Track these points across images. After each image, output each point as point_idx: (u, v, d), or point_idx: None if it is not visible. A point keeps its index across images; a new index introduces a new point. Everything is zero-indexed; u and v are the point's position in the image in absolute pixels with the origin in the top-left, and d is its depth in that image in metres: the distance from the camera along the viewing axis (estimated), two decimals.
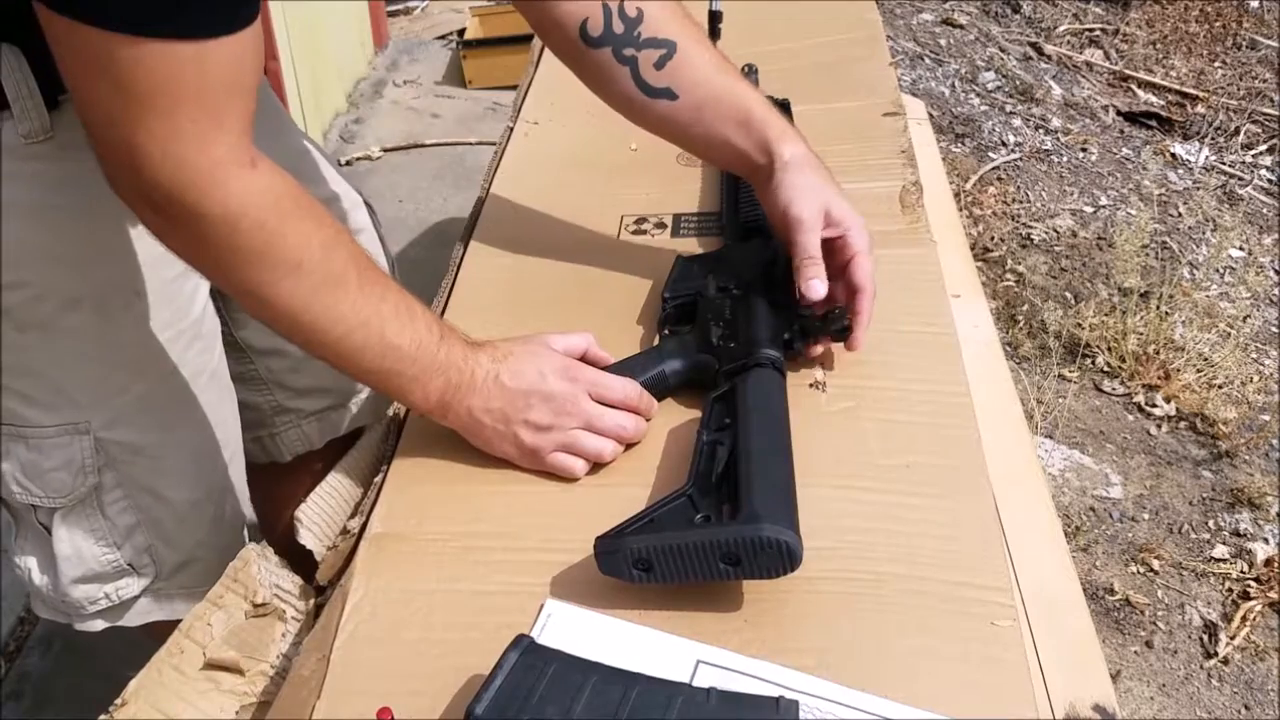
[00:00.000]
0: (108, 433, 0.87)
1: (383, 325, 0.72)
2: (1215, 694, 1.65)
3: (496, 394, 0.75)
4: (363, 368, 0.74)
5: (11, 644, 1.72)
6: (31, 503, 0.89)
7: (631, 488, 0.74)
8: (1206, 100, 3.21)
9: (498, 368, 0.76)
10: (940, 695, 0.59)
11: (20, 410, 0.85)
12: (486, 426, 0.76)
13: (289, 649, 0.74)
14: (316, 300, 0.70)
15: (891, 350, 0.84)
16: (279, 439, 1.11)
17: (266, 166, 0.67)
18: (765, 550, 0.61)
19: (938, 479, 0.73)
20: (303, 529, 0.78)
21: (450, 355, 0.75)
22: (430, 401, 0.76)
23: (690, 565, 0.63)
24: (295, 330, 0.72)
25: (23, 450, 0.86)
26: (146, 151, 0.62)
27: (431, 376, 0.75)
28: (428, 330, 0.75)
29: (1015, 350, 2.27)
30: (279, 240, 0.67)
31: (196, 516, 0.95)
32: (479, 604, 0.67)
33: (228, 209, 0.65)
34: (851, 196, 0.86)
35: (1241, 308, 2.39)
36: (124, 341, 0.87)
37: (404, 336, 0.73)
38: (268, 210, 0.67)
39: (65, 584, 0.92)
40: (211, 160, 0.64)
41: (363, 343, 0.72)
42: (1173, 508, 1.95)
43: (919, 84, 3.17)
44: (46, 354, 0.84)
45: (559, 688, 0.56)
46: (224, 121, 0.64)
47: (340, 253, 0.71)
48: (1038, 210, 2.75)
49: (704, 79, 0.88)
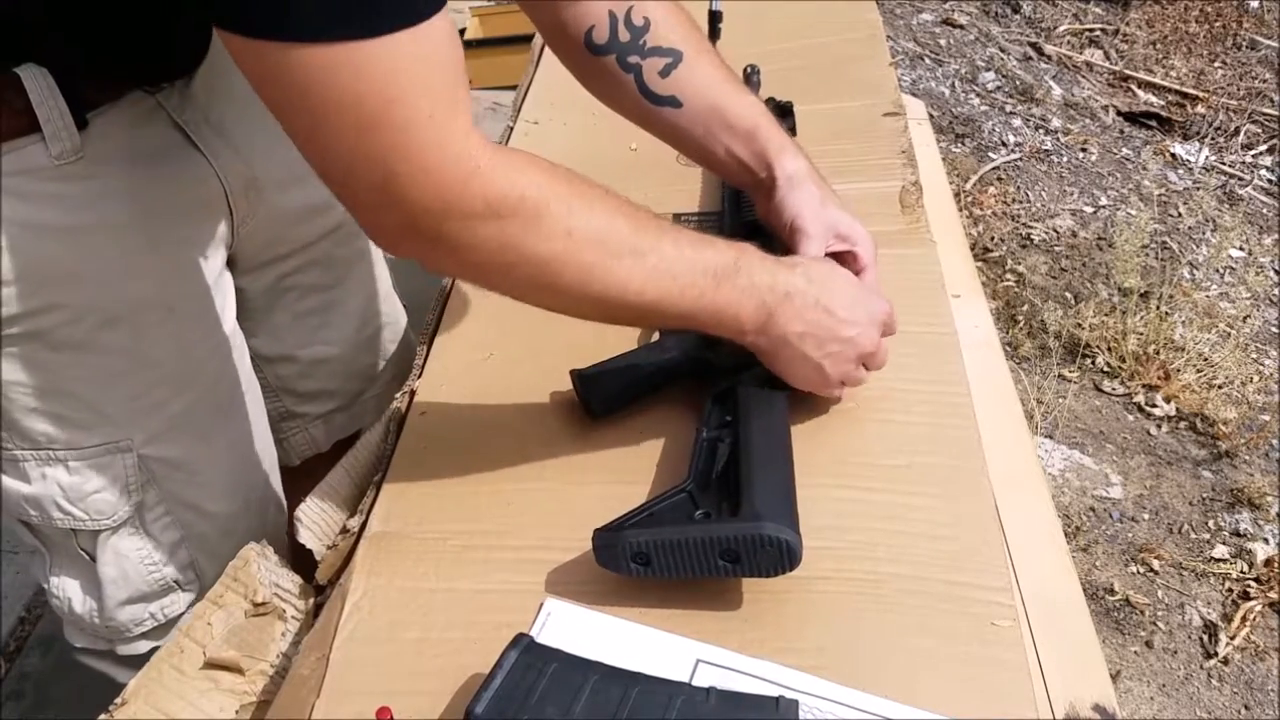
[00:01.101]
0: (149, 449, 0.87)
1: (672, 267, 0.69)
2: (1215, 694, 1.65)
3: (813, 319, 0.73)
4: (670, 314, 0.71)
5: (11, 644, 1.72)
6: (74, 527, 0.88)
7: (632, 485, 0.74)
8: (1206, 100, 3.21)
9: (815, 291, 0.74)
10: (940, 695, 0.59)
11: (55, 433, 0.84)
12: (794, 349, 0.74)
13: (289, 648, 0.74)
14: (599, 266, 0.66)
15: (892, 350, 0.84)
16: (286, 444, 1.11)
17: (491, 145, 0.63)
18: (765, 548, 0.61)
19: (938, 479, 0.73)
20: (302, 528, 0.78)
21: (755, 277, 0.72)
22: (745, 327, 0.73)
23: (689, 561, 0.63)
24: (586, 303, 0.69)
25: (63, 474, 0.85)
26: (403, 173, 0.58)
27: (743, 301, 0.72)
28: (720, 254, 0.71)
29: (1015, 350, 2.27)
30: (545, 208, 0.64)
31: (238, 528, 0.95)
32: (478, 603, 0.67)
33: (489, 193, 0.61)
34: (851, 196, 0.86)
35: (1241, 308, 2.39)
36: (160, 357, 0.86)
37: (697, 269, 0.70)
38: (521, 181, 0.63)
39: (111, 608, 0.91)
40: (454, 155, 0.60)
41: (663, 291, 0.69)
42: (1173, 508, 1.95)
43: (919, 84, 3.17)
44: (83, 374, 0.83)
45: (559, 687, 0.56)
46: (456, 109, 0.59)
47: (602, 206, 0.67)
48: (1038, 210, 2.75)
49: (709, 88, 0.88)
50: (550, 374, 0.85)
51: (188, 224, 0.87)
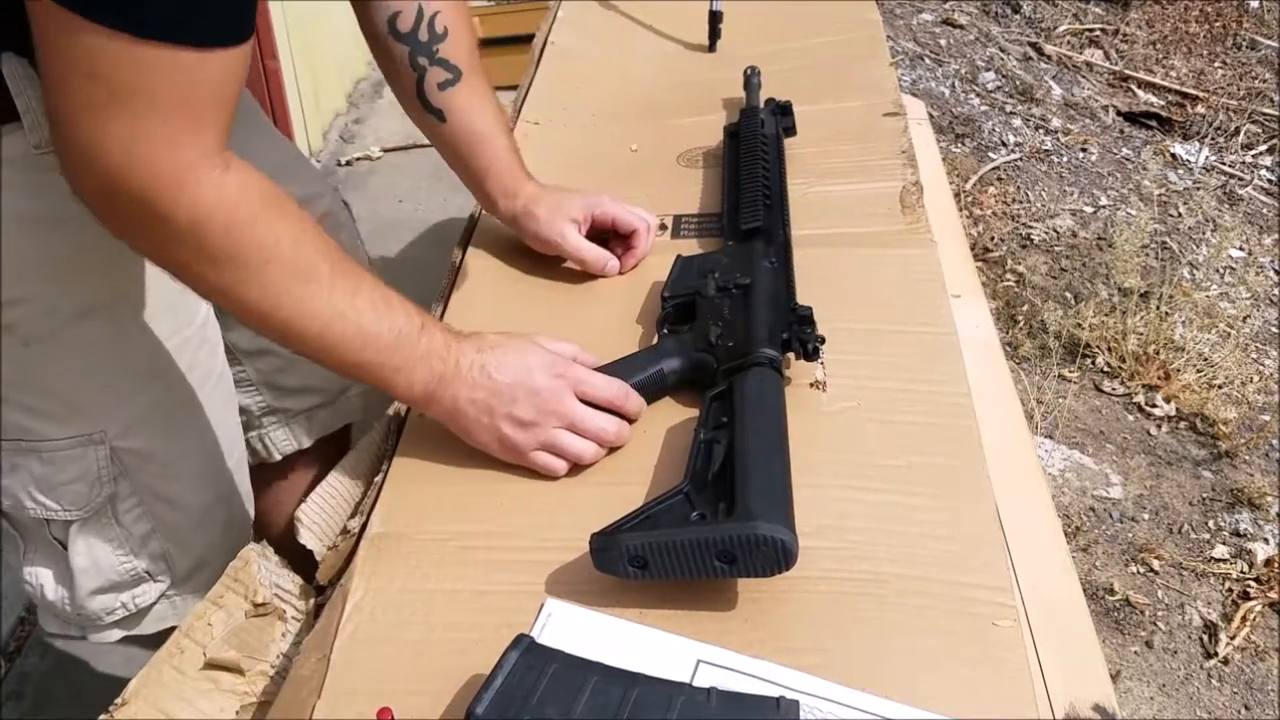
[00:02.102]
0: (121, 441, 0.87)
1: (359, 317, 0.72)
2: (1215, 694, 1.65)
3: (482, 384, 0.75)
4: (344, 361, 0.73)
5: (11, 644, 1.72)
6: (46, 517, 0.88)
7: (631, 486, 0.74)
8: (1206, 100, 3.21)
9: (484, 358, 0.76)
10: (941, 695, 0.59)
11: (29, 424, 0.84)
12: (469, 417, 0.76)
13: (289, 649, 0.74)
14: (288, 296, 0.69)
15: (892, 350, 0.84)
16: (267, 439, 1.11)
17: (239, 167, 0.66)
18: (760, 548, 0.61)
19: (938, 479, 0.73)
20: (303, 529, 0.78)
21: (432, 344, 0.75)
22: (415, 391, 0.75)
23: (686, 562, 0.63)
24: (270, 328, 0.71)
25: (35, 464, 0.86)
26: (107, 150, 0.61)
27: (415, 366, 0.74)
28: (407, 319, 0.74)
29: (1015, 350, 2.27)
30: (248, 240, 0.67)
31: (209, 520, 0.95)
32: (479, 604, 0.67)
33: (195, 213, 0.64)
34: (852, 196, 0.86)
35: (1241, 308, 2.39)
36: (133, 349, 0.87)
37: (382, 326, 0.73)
38: (237, 211, 0.66)
39: (82, 596, 0.92)
40: (180, 164, 0.63)
41: (340, 336, 0.71)
42: (1173, 508, 1.95)
43: (919, 84, 3.17)
44: (55, 366, 0.83)
45: (559, 687, 0.56)
46: (202, 129, 0.63)
47: (309, 247, 0.70)
48: (1038, 210, 2.75)
49: (475, 116, 0.96)
50: None
51: None
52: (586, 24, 1.45)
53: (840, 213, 1.01)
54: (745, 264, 0.88)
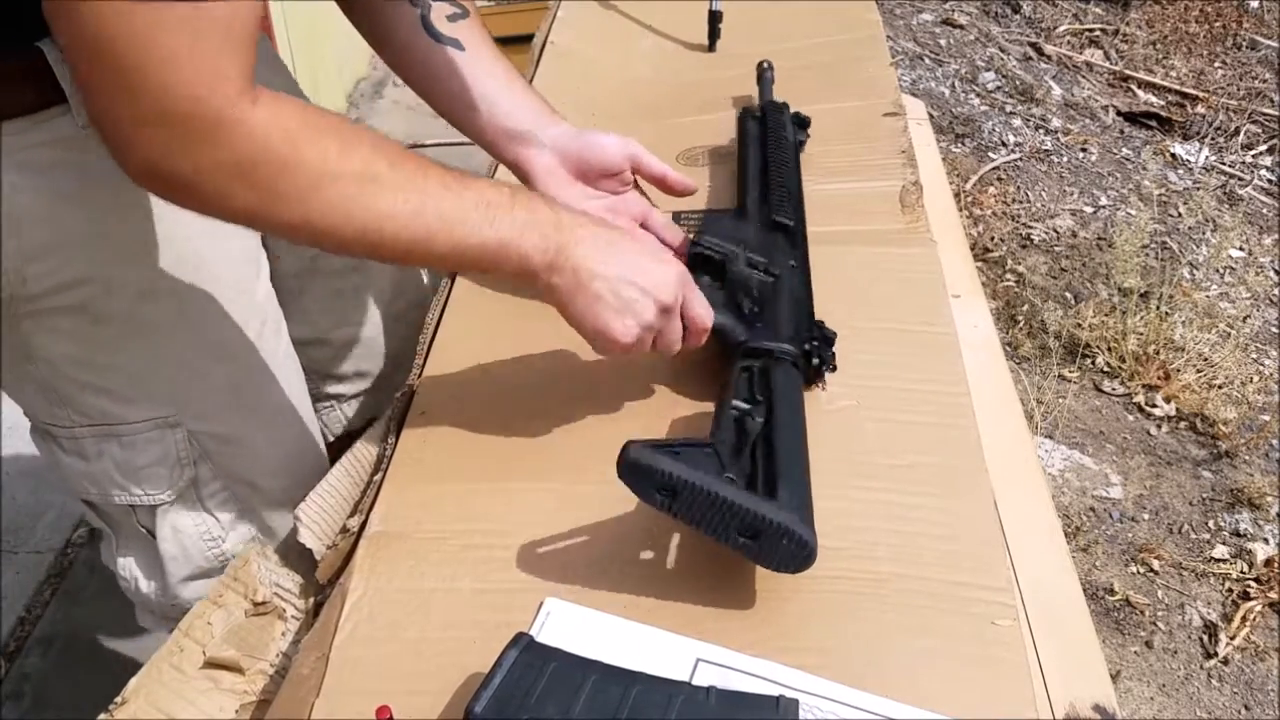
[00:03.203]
0: (197, 424, 0.88)
1: (437, 203, 0.67)
2: (1215, 694, 1.65)
3: (612, 257, 0.71)
4: (441, 253, 0.69)
5: (11, 644, 1.72)
6: (131, 503, 0.89)
7: None
8: (1206, 100, 3.21)
9: (608, 233, 0.73)
10: (941, 695, 0.59)
11: (106, 407, 0.85)
12: (589, 291, 0.71)
13: (289, 648, 0.74)
14: (357, 206, 0.65)
15: (892, 349, 0.84)
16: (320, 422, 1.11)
17: (266, 99, 0.63)
18: (789, 544, 0.61)
19: (938, 478, 0.73)
20: (302, 528, 0.78)
21: (535, 212, 0.70)
22: (532, 262, 0.70)
23: (709, 517, 0.61)
24: (353, 245, 0.67)
25: (116, 449, 0.86)
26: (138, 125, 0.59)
27: (522, 236, 0.69)
28: (494, 190, 0.69)
29: (1015, 350, 2.27)
30: (296, 168, 0.63)
31: (291, 503, 0.96)
32: (478, 602, 0.67)
33: (239, 159, 0.61)
34: (852, 196, 0.86)
35: (1241, 308, 2.39)
36: (201, 327, 0.87)
37: (465, 204, 0.68)
38: (276, 143, 0.63)
39: (174, 586, 0.92)
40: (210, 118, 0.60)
41: (426, 229, 0.67)
42: (1173, 508, 1.95)
43: (919, 84, 3.17)
44: (127, 346, 0.84)
45: (558, 686, 0.56)
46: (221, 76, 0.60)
47: (360, 151, 0.65)
48: (1038, 210, 2.75)
49: (489, 45, 0.92)
50: (550, 373, 0.85)
51: None
52: (586, 24, 1.45)
53: (840, 212, 1.01)
54: (771, 254, 0.88)
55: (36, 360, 0.83)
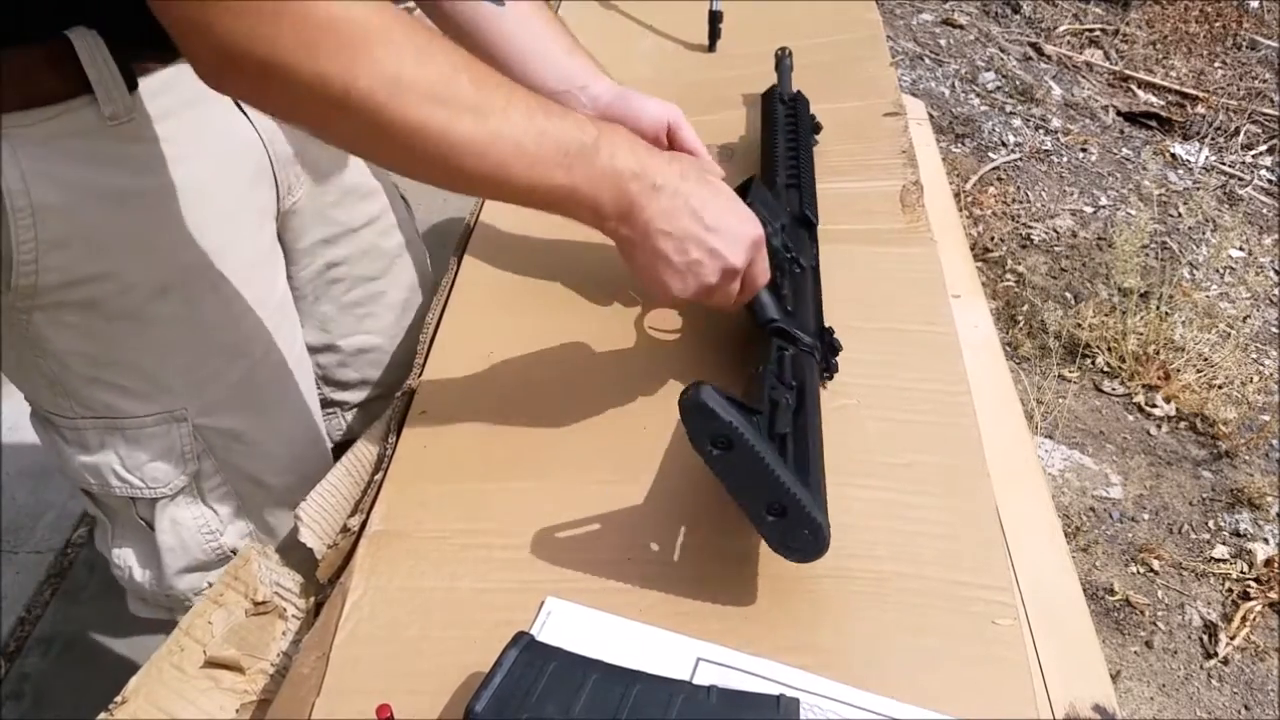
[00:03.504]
0: (204, 419, 0.87)
1: (517, 137, 0.63)
2: (1215, 694, 1.65)
3: (680, 219, 0.69)
4: (516, 188, 0.65)
5: (11, 644, 1.72)
6: (132, 495, 0.88)
7: (633, 484, 0.74)
8: (1206, 100, 3.21)
9: (687, 190, 0.70)
10: (941, 694, 0.59)
11: (115, 402, 0.85)
12: (654, 248, 0.70)
13: (289, 647, 0.74)
14: (432, 120, 0.59)
15: (892, 349, 0.84)
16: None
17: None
18: (809, 533, 0.60)
19: (938, 478, 0.73)
20: (303, 527, 0.78)
21: (618, 160, 0.67)
22: (605, 213, 0.68)
23: (750, 484, 0.60)
24: (422, 167, 0.63)
25: (120, 442, 0.86)
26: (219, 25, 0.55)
27: (599, 185, 0.66)
28: (579, 128, 0.66)
29: (1015, 350, 2.27)
30: (367, 53, 0.57)
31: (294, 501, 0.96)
32: (479, 601, 0.67)
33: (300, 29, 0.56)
34: (852, 195, 0.86)
35: (1241, 308, 2.39)
36: (213, 326, 0.87)
37: (545, 141, 0.64)
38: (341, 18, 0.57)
39: (170, 576, 0.92)
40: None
41: (499, 163, 0.62)
42: (1173, 508, 1.95)
43: (919, 84, 3.17)
44: (138, 343, 0.83)
45: (559, 685, 0.56)
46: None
47: (436, 61, 0.60)
48: (1038, 210, 2.75)
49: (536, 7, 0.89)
50: (550, 372, 0.85)
51: (237, 191, 0.88)
52: (586, 24, 1.45)
53: (840, 210, 1.01)
54: (800, 245, 0.87)
55: (45, 353, 0.82)
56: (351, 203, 1.00)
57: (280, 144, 0.90)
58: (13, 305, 0.79)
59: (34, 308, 0.79)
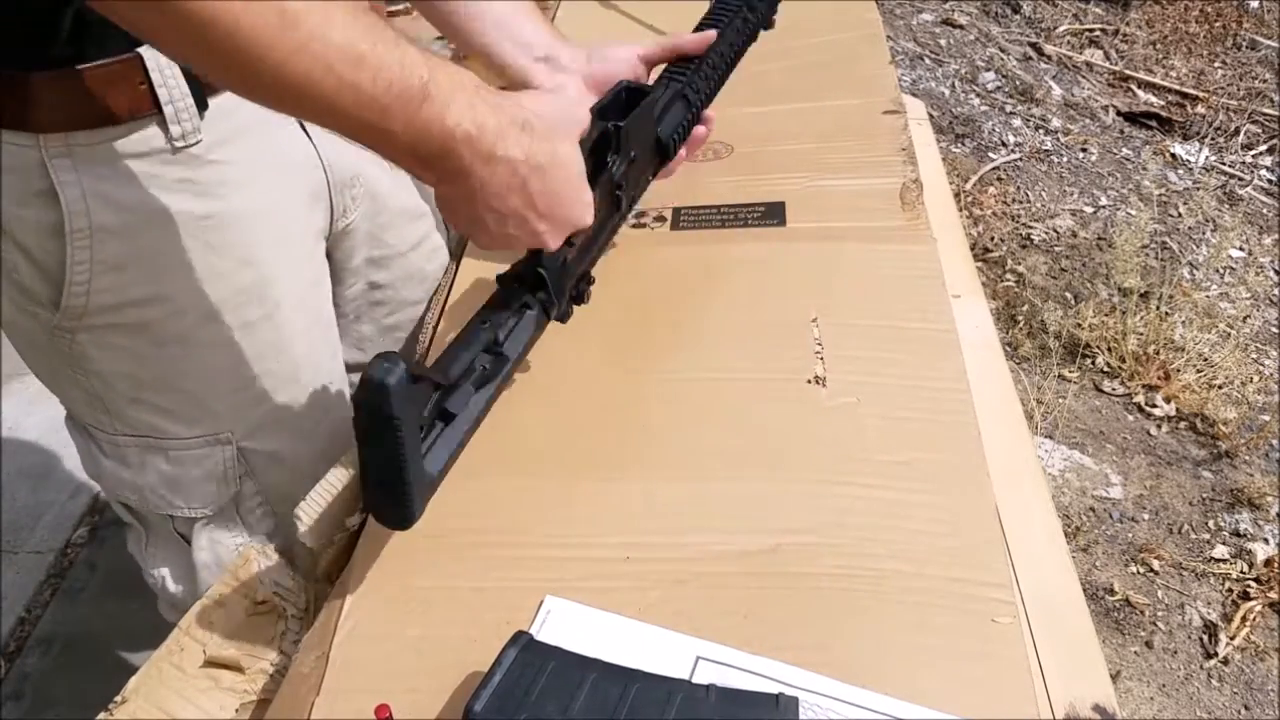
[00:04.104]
0: (248, 441, 0.87)
1: (331, 55, 0.53)
2: (1215, 694, 1.65)
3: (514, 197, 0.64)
4: (322, 113, 0.56)
5: (11, 644, 1.72)
6: (171, 514, 0.88)
7: (632, 483, 0.74)
8: (1206, 100, 3.21)
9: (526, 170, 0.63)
10: (941, 692, 0.59)
11: (159, 423, 0.84)
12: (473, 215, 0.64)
13: (289, 646, 0.74)
14: (228, 11, 0.50)
15: (892, 347, 0.84)
16: None
17: None
18: (398, 516, 0.64)
19: (938, 476, 0.73)
20: (302, 526, 0.78)
21: (450, 114, 0.58)
22: (425, 166, 0.60)
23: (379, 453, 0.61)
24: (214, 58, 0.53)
25: (162, 462, 0.85)
26: None
27: (422, 138, 0.58)
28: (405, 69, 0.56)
29: (1015, 350, 2.27)
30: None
31: None
32: (478, 601, 0.67)
33: None
34: (852, 193, 0.86)
35: (1241, 308, 2.39)
36: (263, 351, 0.86)
37: (364, 71, 0.54)
38: None
39: (202, 590, 0.92)
40: None
41: (306, 73, 0.53)
42: (1173, 508, 1.95)
43: (919, 84, 3.17)
44: (186, 367, 0.82)
45: (558, 685, 0.56)
46: None
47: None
48: (1038, 210, 2.75)
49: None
50: (549, 371, 0.85)
51: (295, 215, 0.87)
52: (586, 23, 1.45)
53: (839, 208, 1.01)
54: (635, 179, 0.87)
55: (87, 372, 0.81)
56: (402, 224, 0.99)
57: (341, 167, 0.89)
58: (58, 325, 0.78)
59: (79, 328, 0.78)
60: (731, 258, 0.95)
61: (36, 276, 0.76)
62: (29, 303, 0.78)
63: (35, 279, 0.76)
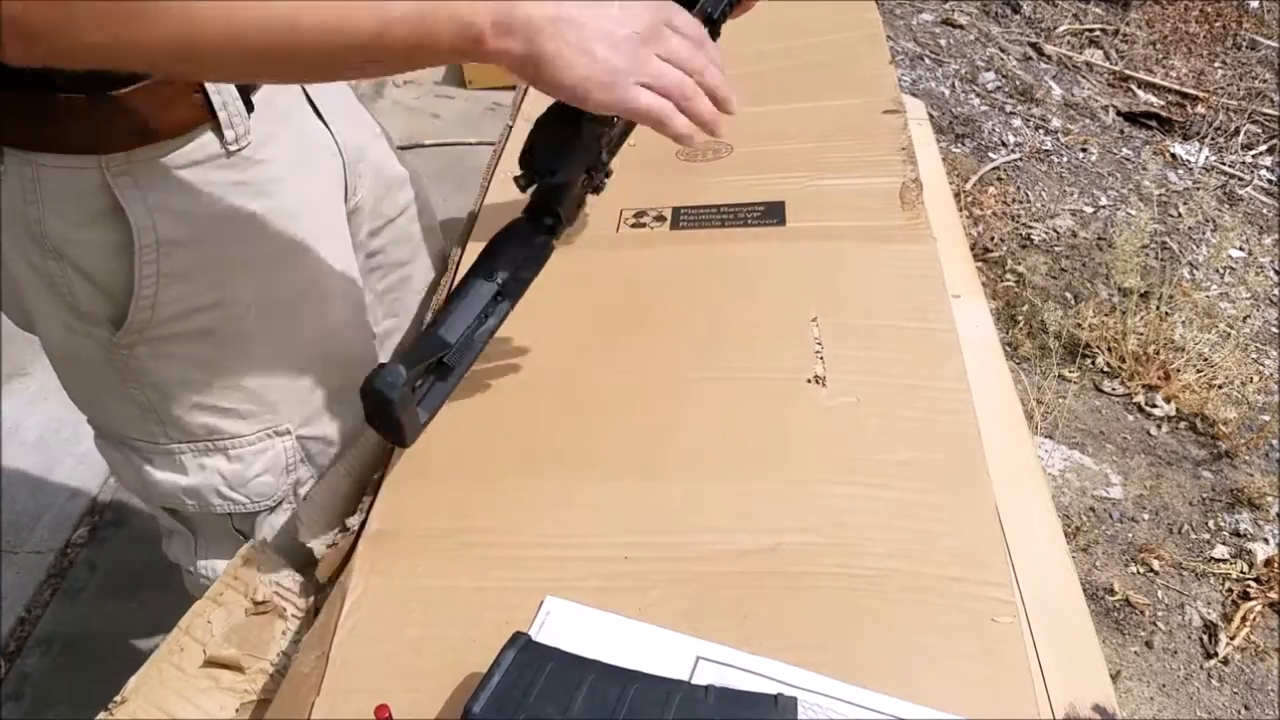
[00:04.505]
0: (305, 429, 0.88)
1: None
2: (1215, 694, 1.65)
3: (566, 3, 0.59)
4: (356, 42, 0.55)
5: (11, 644, 1.72)
6: (232, 512, 0.88)
7: (631, 481, 0.74)
8: (1206, 100, 3.21)
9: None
10: (940, 691, 0.59)
11: (217, 424, 0.84)
12: (554, 44, 0.59)
13: (289, 646, 0.74)
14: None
15: (892, 346, 0.84)
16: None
17: None
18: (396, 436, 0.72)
19: (938, 475, 0.73)
20: (302, 526, 0.78)
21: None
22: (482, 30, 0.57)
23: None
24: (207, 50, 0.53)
25: (223, 462, 0.86)
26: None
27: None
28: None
29: (1015, 350, 2.27)
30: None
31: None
32: (477, 601, 0.67)
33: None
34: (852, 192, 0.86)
35: (1241, 308, 2.39)
36: (314, 341, 0.87)
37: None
38: None
39: None
40: None
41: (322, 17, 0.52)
42: (1173, 508, 1.95)
43: (919, 84, 3.17)
44: (245, 365, 0.83)
45: (557, 686, 0.56)
46: None
47: None
48: (1038, 210, 2.75)
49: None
50: (549, 370, 0.85)
51: (331, 202, 0.89)
52: None
53: (839, 208, 1.01)
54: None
55: (142, 385, 0.81)
56: (393, 194, 1.01)
57: (351, 148, 0.90)
58: (117, 342, 0.78)
59: (139, 341, 0.78)
60: (731, 257, 0.96)
61: (96, 297, 0.76)
62: (82, 324, 0.78)
63: (94, 300, 0.76)
